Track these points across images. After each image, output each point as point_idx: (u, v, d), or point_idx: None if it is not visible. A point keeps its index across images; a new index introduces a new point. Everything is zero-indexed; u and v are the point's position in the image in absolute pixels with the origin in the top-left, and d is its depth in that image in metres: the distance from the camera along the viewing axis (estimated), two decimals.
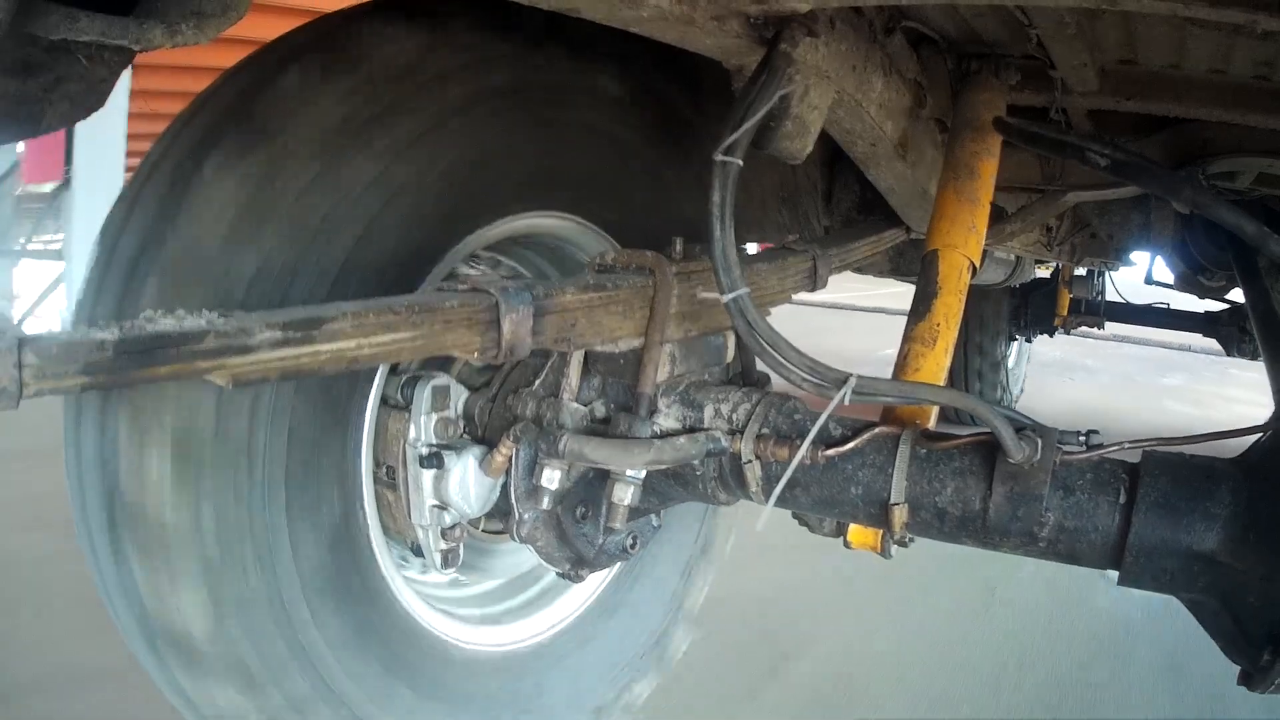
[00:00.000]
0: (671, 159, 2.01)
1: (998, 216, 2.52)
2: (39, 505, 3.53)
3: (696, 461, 1.66)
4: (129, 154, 6.22)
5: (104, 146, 6.13)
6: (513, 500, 1.67)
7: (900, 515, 1.50)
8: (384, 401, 1.68)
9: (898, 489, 1.50)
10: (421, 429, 1.69)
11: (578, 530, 1.70)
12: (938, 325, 1.74)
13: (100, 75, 1.10)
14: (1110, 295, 5.58)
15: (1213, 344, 5.30)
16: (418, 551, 1.72)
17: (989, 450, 1.47)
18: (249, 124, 1.43)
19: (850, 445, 1.54)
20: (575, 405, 1.68)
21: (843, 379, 1.48)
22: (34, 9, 0.94)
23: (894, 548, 1.65)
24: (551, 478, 1.62)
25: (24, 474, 3.85)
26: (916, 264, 1.91)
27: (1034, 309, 5.55)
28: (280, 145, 1.43)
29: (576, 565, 1.73)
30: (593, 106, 1.84)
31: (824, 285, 2.09)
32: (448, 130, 1.58)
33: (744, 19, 1.50)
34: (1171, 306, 5.39)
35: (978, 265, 1.88)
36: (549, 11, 1.40)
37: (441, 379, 1.71)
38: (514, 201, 1.74)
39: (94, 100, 1.14)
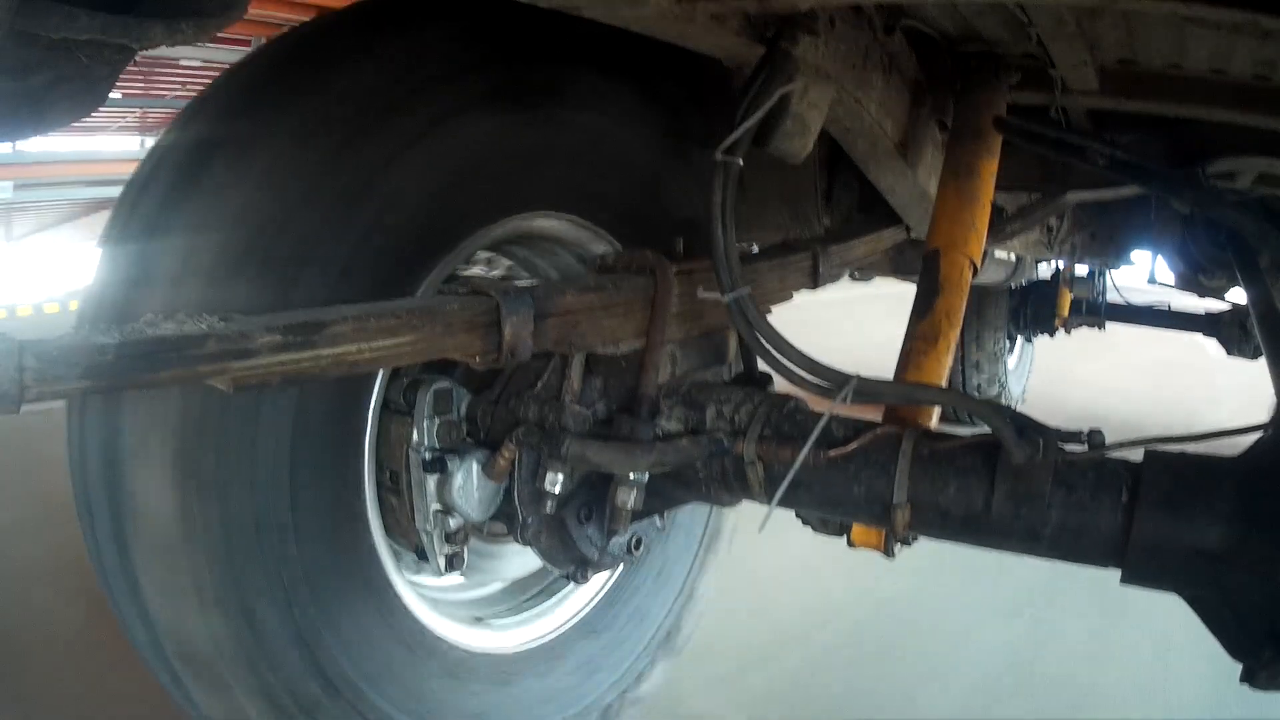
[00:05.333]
0: (672, 157, 2.01)
1: (998, 216, 2.52)
2: None
3: (699, 463, 1.66)
4: None
5: None
6: (516, 503, 1.66)
7: (903, 515, 1.49)
8: (386, 406, 1.68)
9: (900, 489, 1.50)
10: (424, 433, 1.68)
11: (581, 532, 1.70)
12: (940, 323, 1.74)
13: (100, 74, 1.10)
14: (1110, 295, 5.57)
15: None
16: (422, 555, 1.72)
17: (991, 450, 1.46)
18: (256, 120, 1.43)
19: (852, 446, 1.54)
20: (577, 408, 1.67)
21: (844, 380, 1.48)
22: (34, 8, 0.94)
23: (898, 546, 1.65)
24: (554, 481, 1.62)
25: None
26: (917, 264, 1.91)
27: (1034, 309, 5.55)
28: (284, 143, 1.42)
29: (580, 567, 1.73)
30: (593, 106, 1.83)
31: (825, 283, 2.09)
32: (448, 131, 1.58)
33: (744, 17, 1.50)
34: (1172, 306, 5.39)
35: (978, 265, 1.88)
36: (549, 10, 1.40)
37: (444, 383, 1.70)
38: (515, 202, 1.74)
39: (94, 98, 1.13)
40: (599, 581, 2.15)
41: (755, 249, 2.19)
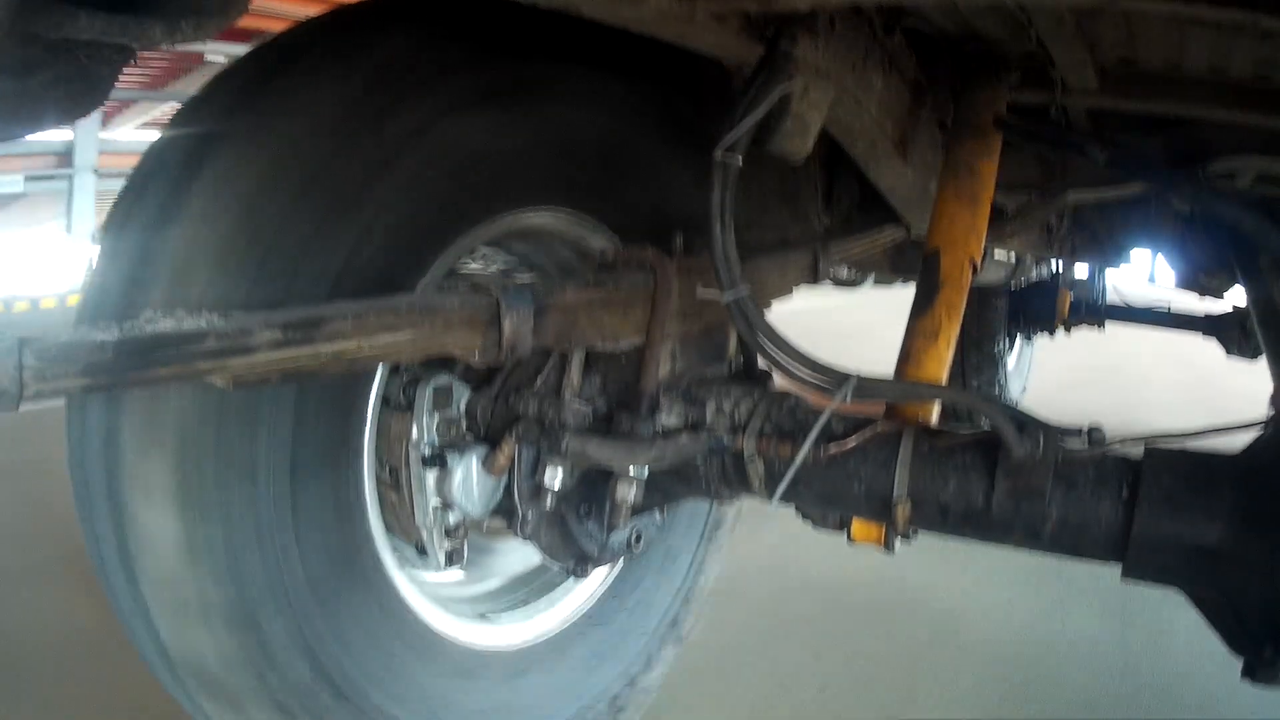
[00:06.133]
0: (672, 155, 2.01)
1: (998, 216, 2.52)
2: None
3: (699, 459, 1.66)
4: None
5: None
6: (516, 499, 1.67)
7: (903, 511, 1.50)
8: (386, 402, 1.68)
9: (900, 485, 1.50)
10: (424, 429, 1.68)
11: (581, 528, 1.70)
12: (940, 319, 1.74)
13: (100, 73, 1.10)
14: (1110, 296, 5.58)
15: None
16: (422, 551, 1.72)
17: (991, 446, 1.47)
18: (252, 121, 1.43)
19: (853, 442, 1.54)
20: (577, 404, 1.68)
21: (844, 378, 1.48)
22: (34, 7, 0.94)
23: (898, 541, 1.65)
24: (554, 476, 1.63)
25: None
26: (917, 263, 1.91)
27: (1035, 309, 5.55)
28: (280, 143, 1.42)
29: (580, 562, 1.73)
30: (594, 103, 1.83)
31: (824, 279, 2.09)
32: (448, 125, 1.58)
33: (744, 18, 1.50)
34: (1172, 307, 5.39)
35: (978, 264, 1.88)
36: (549, 10, 1.40)
37: (443, 379, 1.71)
38: (516, 197, 1.74)
39: (94, 98, 1.14)
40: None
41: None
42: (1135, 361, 7.90)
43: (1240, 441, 1.44)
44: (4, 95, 1.07)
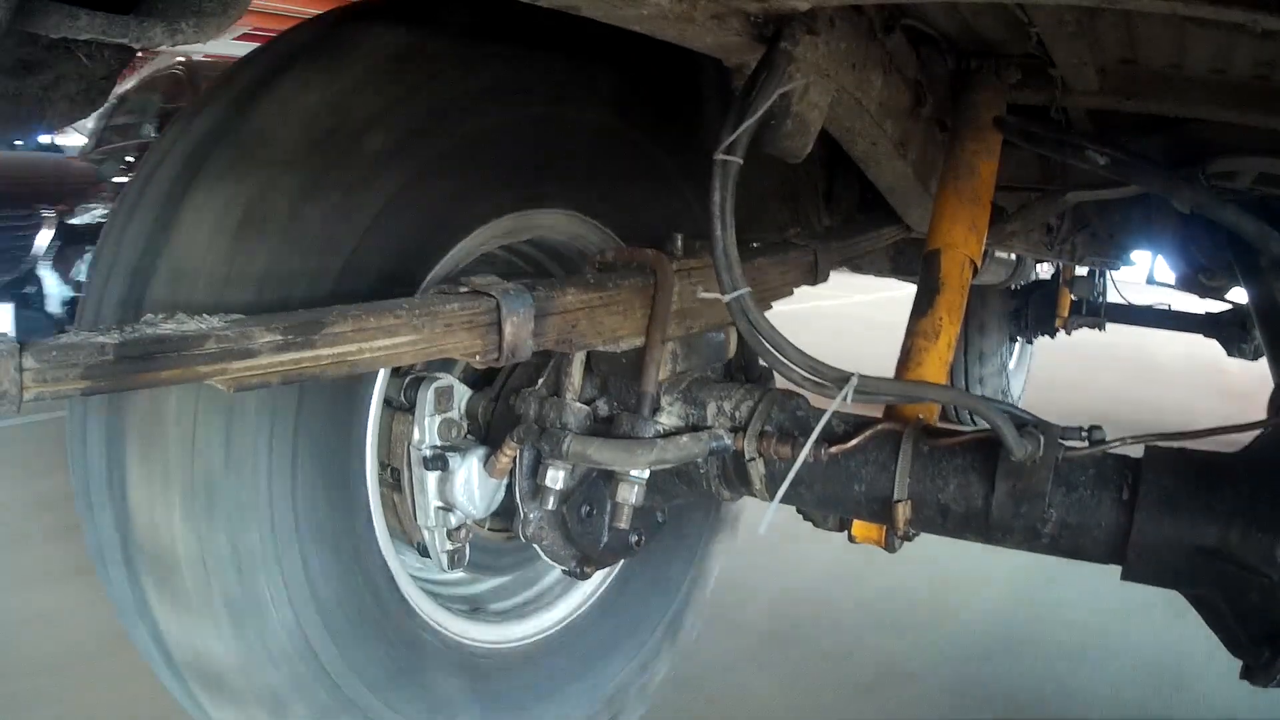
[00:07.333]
0: (673, 154, 2.01)
1: (998, 216, 2.51)
2: None
3: (700, 459, 1.66)
4: None
5: None
6: (518, 500, 1.66)
7: (903, 512, 1.50)
8: (387, 403, 1.68)
9: (901, 486, 1.50)
10: (425, 431, 1.68)
11: (583, 529, 1.70)
12: (940, 320, 1.74)
13: (100, 73, 1.10)
14: (1111, 295, 5.58)
15: None
16: (424, 552, 1.72)
17: (991, 447, 1.46)
18: (246, 126, 1.43)
19: (853, 443, 1.54)
20: (578, 405, 1.68)
21: (845, 378, 1.47)
22: (34, 8, 0.94)
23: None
24: (555, 478, 1.62)
25: None
26: (917, 263, 1.91)
27: (1035, 310, 5.55)
28: (279, 145, 1.42)
29: (582, 563, 1.73)
30: (593, 103, 1.83)
31: (825, 279, 2.09)
32: (446, 127, 1.58)
33: (744, 17, 1.49)
34: (1172, 307, 5.39)
35: (978, 264, 1.88)
36: (549, 10, 1.39)
37: (444, 380, 1.71)
38: (516, 197, 1.74)
39: (94, 98, 1.13)
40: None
41: None
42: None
43: (1241, 441, 1.44)
44: (4, 95, 1.07)
